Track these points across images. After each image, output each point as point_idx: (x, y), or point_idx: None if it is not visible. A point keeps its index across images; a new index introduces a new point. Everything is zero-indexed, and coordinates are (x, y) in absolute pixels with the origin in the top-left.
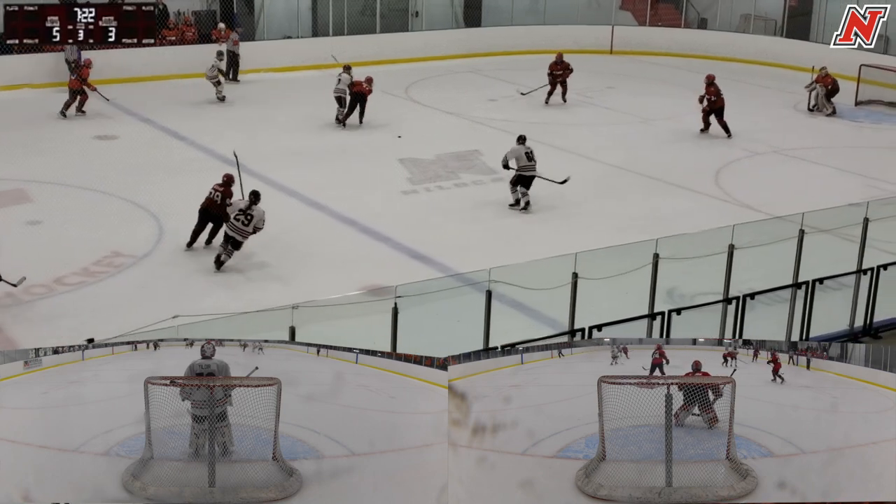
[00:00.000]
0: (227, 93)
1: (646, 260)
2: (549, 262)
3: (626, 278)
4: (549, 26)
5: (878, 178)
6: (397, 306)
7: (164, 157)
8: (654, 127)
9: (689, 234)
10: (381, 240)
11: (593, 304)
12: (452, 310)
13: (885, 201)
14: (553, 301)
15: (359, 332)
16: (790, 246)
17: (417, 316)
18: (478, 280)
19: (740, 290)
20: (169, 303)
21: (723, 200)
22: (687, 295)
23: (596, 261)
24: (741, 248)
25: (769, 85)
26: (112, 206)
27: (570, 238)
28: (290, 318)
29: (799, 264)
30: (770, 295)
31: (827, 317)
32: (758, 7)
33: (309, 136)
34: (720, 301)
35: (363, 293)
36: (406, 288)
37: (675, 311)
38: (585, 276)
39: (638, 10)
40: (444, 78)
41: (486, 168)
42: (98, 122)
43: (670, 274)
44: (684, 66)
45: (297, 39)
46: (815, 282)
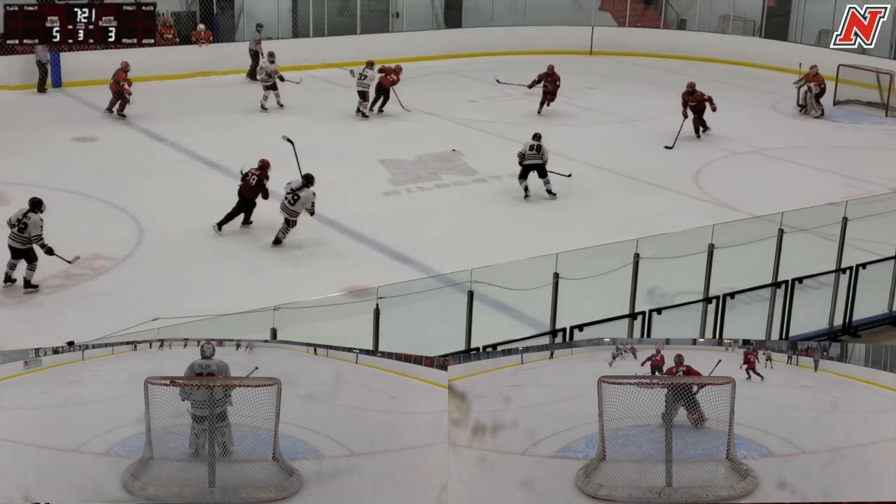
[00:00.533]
0: (266, 94)
1: (626, 260)
2: (530, 263)
3: (607, 278)
4: (530, 27)
5: (857, 177)
6: (379, 307)
7: (144, 159)
8: (635, 127)
9: (669, 234)
10: (362, 241)
11: (575, 304)
12: (434, 310)
13: (864, 200)
14: (535, 301)
15: (341, 333)
16: (770, 245)
17: (399, 317)
18: (459, 280)
19: (720, 289)
20: (149, 305)
21: (703, 200)
22: (667, 294)
23: (577, 261)
24: (721, 247)
25: (748, 85)
26: (92, 208)
27: (552, 238)
28: (272, 319)
29: (778, 264)
30: (750, 294)
31: (806, 316)
32: (736, 8)
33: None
34: (700, 300)
35: (345, 294)
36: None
37: (656, 311)
38: (567, 276)
39: (617, 11)
40: (424, 79)
41: (466, 169)
42: (77, 124)
43: (651, 274)
44: (664, 66)
45: (277, 40)
46: (794, 281)
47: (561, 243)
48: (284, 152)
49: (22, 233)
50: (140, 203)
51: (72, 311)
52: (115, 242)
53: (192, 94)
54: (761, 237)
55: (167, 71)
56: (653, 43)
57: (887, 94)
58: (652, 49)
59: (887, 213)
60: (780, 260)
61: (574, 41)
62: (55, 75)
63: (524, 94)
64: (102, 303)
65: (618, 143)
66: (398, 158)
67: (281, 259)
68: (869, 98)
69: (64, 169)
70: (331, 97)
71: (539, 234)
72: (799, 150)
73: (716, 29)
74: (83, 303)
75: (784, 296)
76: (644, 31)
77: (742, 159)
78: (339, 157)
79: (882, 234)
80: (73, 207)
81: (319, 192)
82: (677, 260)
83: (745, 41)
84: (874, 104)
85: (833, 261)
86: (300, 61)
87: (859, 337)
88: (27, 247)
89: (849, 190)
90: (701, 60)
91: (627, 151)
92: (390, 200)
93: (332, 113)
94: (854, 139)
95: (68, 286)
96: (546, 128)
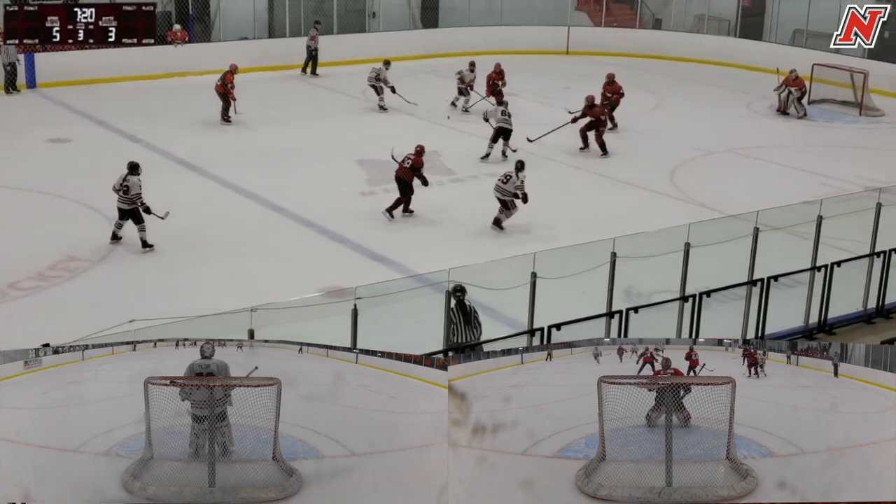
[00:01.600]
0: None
1: (603, 259)
2: (507, 262)
3: (584, 277)
4: (506, 27)
5: (832, 175)
6: (357, 308)
7: (119, 159)
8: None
9: (645, 234)
10: (339, 241)
11: (552, 303)
12: (412, 310)
13: (839, 199)
14: (512, 301)
15: (319, 334)
16: (745, 244)
17: (377, 317)
18: (437, 280)
19: (696, 287)
20: (125, 307)
21: (678, 199)
22: (644, 293)
23: (554, 260)
24: (697, 246)
25: (723, 84)
26: (66, 209)
27: (529, 238)
28: (249, 320)
29: (754, 262)
30: (726, 292)
31: (782, 314)
32: (711, 7)
33: (266, 138)
34: (677, 299)
35: (322, 295)
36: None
37: (633, 310)
38: (544, 275)
39: (593, 11)
40: (402, 79)
41: (444, 169)
42: (51, 125)
43: (627, 273)
44: (640, 66)
45: (253, 41)
46: (770, 279)
47: (538, 243)
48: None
49: (126, 195)
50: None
51: (47, 313)
52: (90, 244)
53: (168, 95)
54: (737, 236)
55: (143, 71)
56: (628, 42)
57: (861, 93)
58: (628, 49)
59: (861, 212)
60: (755, 258)
61: (550, 41)
62: (29, 76)
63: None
64: (78, 305)
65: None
66: (375, 159)
67: (258, 260)
68: (843, 97)
69: (38, 170)
70: (307, 97)
71: (516, 233)
72: (774, 148)
73: (691, 29)
74: (58, 305)
75: (759, 294)
76: (620, 30)
77: (717, 158)
78: (315, 158)
79: (856, 232)
80: (48, 209)
81: (297, 193)
82: (654, 259)
83: (721, 41)
84: (848, 103)
85: (808, 259)
86: (276, 62)
87: (834, 335)
88: (133, 207)
89: (823, 188)
90: (676, 60)
91: None
92: (367, 200)
93: (308, 113)
94: (828, 138)
95: (43, 288)
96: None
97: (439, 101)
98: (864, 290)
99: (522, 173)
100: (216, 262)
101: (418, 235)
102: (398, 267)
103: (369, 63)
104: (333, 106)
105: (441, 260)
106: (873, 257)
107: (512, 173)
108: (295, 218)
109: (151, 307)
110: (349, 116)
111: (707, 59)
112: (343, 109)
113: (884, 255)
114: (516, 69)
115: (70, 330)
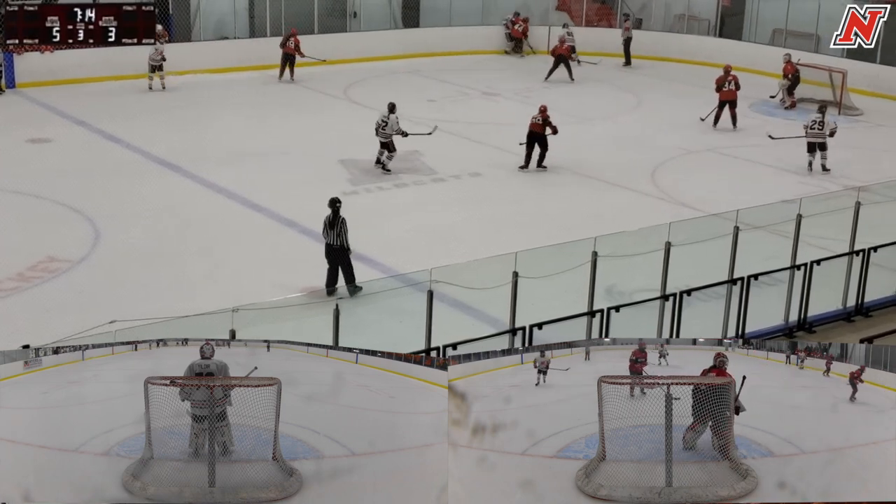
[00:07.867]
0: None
1: (585, 258)
2: (489, 262)
3: (566, 276)
4: (487, 27)
5: (811, 174)
6: (339, 307)
7: (99, 159)
8: (592, 126)
9: (626, 233)
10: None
11: (534, 302)
12: (394, 310)
13: (818, 198)
14: (494, 300)
15: (300, 334)
16: (725, 243)
17: (359, 317)
18: (419, 280)
19: (677, 286)
20: (106, 307)
21: (659, 199)
22: (625, 292)
23: (536, 260)
24: (678, 245)
25: (703, 84)
26: (46, 210)
27: (510, 237)
28: (231, 321)
29: (734, 261)
30: (706, 291)
31: (762, 312)
32: (691, 7)
33: (247, 138)
34: (658, 298)
35: (304, 295)
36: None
37: (614, 309)
38: (526, 274)
39: (574, 11)
40: (383, 79)
41: (426, 168)
42: (31, 125)
43: (609, 272)
44: (620, 65)
45: (233, 40)
46: (750, 278)
47: (520, 242)
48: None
49: (384, 129)
50: (96, 204)
51: (27, 314)
52: (70, 245)
53: (147, 94)
54: (717, 235)
55: (122, 71)
56: (609, 42)
57: (840, 92)
58: (608, 48)
59: (841, 210)
60: (735, 257)
61: (531, 41)
62: (8, 76)
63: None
64: (58, 305)
65: (575, 142)
66: (357, 158)
67: (239, 260)
68: (823, 96)
69: (18, 170)
70: (288, 97)
71: (497, 233)
72: (754, 147)
73: (671, 28)
74: (39, 306)
75: (740, 293)
76: (600, 30)
77: (698, 157)
78: (296, 158)
79: (836, 230)
80: (28, 209)
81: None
82: (635, 258)
83: (700, 40)
84: (827, 102)
85: (788, 258)
86: (256, 61)
87: (814, 333)
88: (388, 140)
89: (803, 187)
90: (656, 59)
91: (585, 150)
92: (349, 200)
93: (289, 113)
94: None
95: (24, 289)
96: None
97: (421, 101)
98: (843, 289)
99: (394, 115)
100: (197, 263)
101: (400, 235)
102: (380, 266)
103: (350, 63)
104: (315, 106)
105: (423, 259)
106: (853, 255)
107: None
108: (276, 218)
109: (132, 308)
110: (331, 116)
111: (687, 59)
112: (324, 109)
113: (863, 253)
114: (495, 68)
115: (50, 331)
